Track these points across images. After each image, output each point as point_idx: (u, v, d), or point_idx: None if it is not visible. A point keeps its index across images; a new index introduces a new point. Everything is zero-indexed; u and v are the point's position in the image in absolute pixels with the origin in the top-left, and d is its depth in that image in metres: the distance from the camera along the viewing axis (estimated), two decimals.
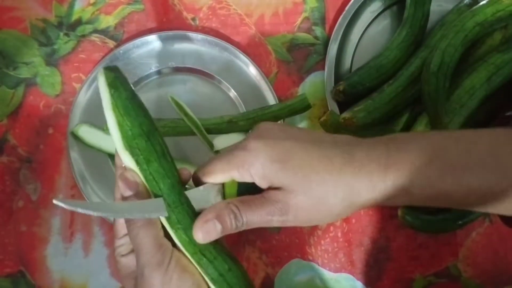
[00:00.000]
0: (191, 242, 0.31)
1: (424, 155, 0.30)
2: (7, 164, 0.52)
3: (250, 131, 0.33)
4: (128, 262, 0.32)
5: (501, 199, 0.29)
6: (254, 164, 0.30)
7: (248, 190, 0.32)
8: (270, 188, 0.31)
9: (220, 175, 0.31)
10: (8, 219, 0.51)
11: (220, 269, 0.32)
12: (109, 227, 0.51)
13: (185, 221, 0.31)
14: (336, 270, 0.51)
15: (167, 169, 0.31)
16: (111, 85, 0.31)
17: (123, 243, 0.33)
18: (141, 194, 0.31)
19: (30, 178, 0.52)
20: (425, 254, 0.52)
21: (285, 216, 0.30)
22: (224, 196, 0.32)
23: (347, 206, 0.30)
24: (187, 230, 0.31)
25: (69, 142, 0.50)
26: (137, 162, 0.31)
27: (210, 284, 0.32)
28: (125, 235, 0.33)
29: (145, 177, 0.31)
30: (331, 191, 0.30)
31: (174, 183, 0.32)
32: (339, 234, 0.52)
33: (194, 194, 0.32)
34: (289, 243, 0.51)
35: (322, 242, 0.51)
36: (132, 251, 0.33)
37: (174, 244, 0.32)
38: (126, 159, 0.31)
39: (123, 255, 0.33)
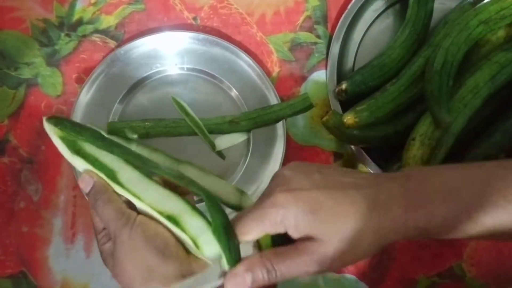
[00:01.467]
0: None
1: (440, 197, 0.32)
2: (8, 165, 0.52)
3: (272, 179, 0.35)
4: (109, 247, 0.35)
5: None
6: (288, 219, 0.32)
7: (281, 238, 0.33)
8: (303, 239, 0.32)
9: (255, 233, 0.33)
10: (9, 220, 0.51)
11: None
12: None
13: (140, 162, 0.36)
14: (339, 271, 0.51)
15: (115, 144, 0.36)
16: (51, 122, 0.36)
17: (103, 235, 0.36)
18: (99, 183, 0.35)
19: (32, 179, 0.52)
20: (428, 255, 0.51)
21: (323, 267, 0.31)
22: (259, 247, 0.34)
23: (375, 248, 0.33)
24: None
25: None
26: (89, 159, 0.36)
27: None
28: (104, 229, 0.36)
29: (100, 166, 0.36)
30: (361, 237, 0.32)
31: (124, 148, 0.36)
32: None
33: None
34: None
35: None
36: (110, 239, 0.35)
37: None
38: (80, 164, 0.36)
39: (104, 243, 0.35)
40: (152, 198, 0.34)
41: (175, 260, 0.32)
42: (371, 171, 0.49)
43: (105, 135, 0.37)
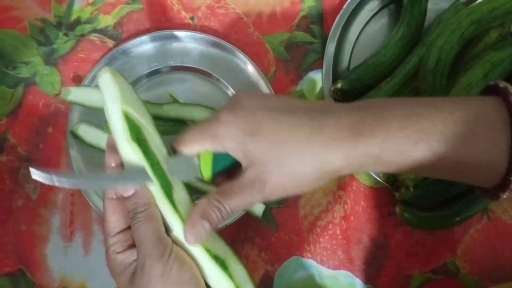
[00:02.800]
0: None
1: (398, 122, 0.29)
2: (6, 164, 0.52)
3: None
4: (124, 258, 0.33)
5: (474, 170, 0.29)
6: (226, 137, 0.31)
7: (224, 162, 0.32)
8: (244, 169, 0.31)
9: (195, 145, 0.32)
10: (8, 218, 0.51)
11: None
12: None
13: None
14: (335, 268, 0.51)
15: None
16: (116, 81, 0.32)
17: (117, 241, 0.33)
18: (143, 193, 0.32)
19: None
20: (423, 251, 0.52)
21: (263, 194, 0.31)
22: (200, 167, 0.33)
23: (320, 175, 0.30)
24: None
25: (69, 141, 0.51)
26: (146, 152, 0.32)
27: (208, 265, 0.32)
28: (119, 232, 0.33)
29: (153, 167, 0.32)
30: (300, 161, 0.30)
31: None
32: (338, 232, 0.52)
33: (172, 164, 0.33)
34: (288, 241, 0.52)
35: (321, 239, 0.52)
36: (127, 248, 0.33)
37: (173, 242, 0.32)
38: (131, 155, 0.31)
39: (118, 252, 0.33)
40: None
41: None
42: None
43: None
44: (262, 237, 0.52)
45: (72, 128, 0.50)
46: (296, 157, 0.30)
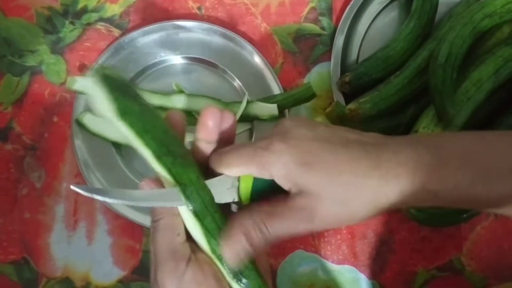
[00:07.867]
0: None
1: (455, 159, 0.29)
2: (11, 152, 0.52)
3: (273, 126, 0.32)
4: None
5: None
6: (276, 165, 0.29)
7: (264, 186, 0.31)
8: (292, 194, 0.30)
9: (237, 169, 0.31)
10: (13, 206, 0.51)
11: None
12: (112, 216, 0.51)
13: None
14: (339, 262, 0.51)
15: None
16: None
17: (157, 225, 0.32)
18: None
19: (35, 166, 0.52)
20: (429, 247, 0.51)
21: (312, 224, 0.29)
22: (238, 189, 0.31)
23: (372, 210, 0.30)
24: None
25: (74, 130, 0.50)
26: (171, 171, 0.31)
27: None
28: (162, 220, 0.32)
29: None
30: (356, 195, 0.29)
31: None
32: (342, 226, 0.52)
33: (209, 184, 0.31)
34: None
35: (325, 234, 0.51)
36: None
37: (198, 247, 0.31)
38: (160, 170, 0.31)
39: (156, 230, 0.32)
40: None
41: None
42: None
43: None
44: None
45: (77, 117, 0.50)
46: (352, 191, 0.29)
